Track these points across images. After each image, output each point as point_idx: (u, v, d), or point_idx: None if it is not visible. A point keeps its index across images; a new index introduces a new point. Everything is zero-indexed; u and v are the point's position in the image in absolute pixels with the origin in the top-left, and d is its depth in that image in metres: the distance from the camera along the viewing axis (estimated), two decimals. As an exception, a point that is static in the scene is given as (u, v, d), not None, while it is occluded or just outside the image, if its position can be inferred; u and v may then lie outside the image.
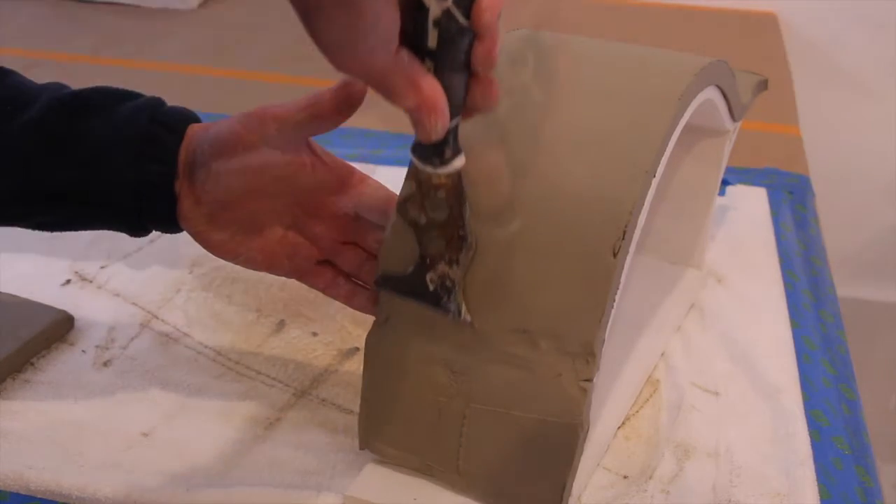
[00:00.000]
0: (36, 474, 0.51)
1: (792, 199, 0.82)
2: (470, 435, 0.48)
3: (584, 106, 0.48)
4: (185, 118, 0.52)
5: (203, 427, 0.55)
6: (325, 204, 0.52)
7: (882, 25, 1.32)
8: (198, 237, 0.51)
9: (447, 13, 0.37)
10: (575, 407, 0.45)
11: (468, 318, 0.46)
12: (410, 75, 0.39)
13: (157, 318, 0.64)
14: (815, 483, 0.52)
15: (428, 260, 0.45)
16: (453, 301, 0.45)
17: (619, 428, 0.56)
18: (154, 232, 0.52)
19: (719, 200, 0.78)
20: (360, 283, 0.53)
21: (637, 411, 0.57)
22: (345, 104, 0.49)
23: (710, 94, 0.54)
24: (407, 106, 0.39)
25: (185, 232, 0.51)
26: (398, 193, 0.46)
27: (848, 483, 0.54)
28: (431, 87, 0.39)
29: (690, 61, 0.50)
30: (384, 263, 0.47)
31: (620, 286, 0.45)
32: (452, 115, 0.40)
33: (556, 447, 0.45)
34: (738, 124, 0.64)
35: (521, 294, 0.45)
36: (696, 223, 0.68)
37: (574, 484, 0.47)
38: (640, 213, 0.45)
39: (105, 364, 0.60)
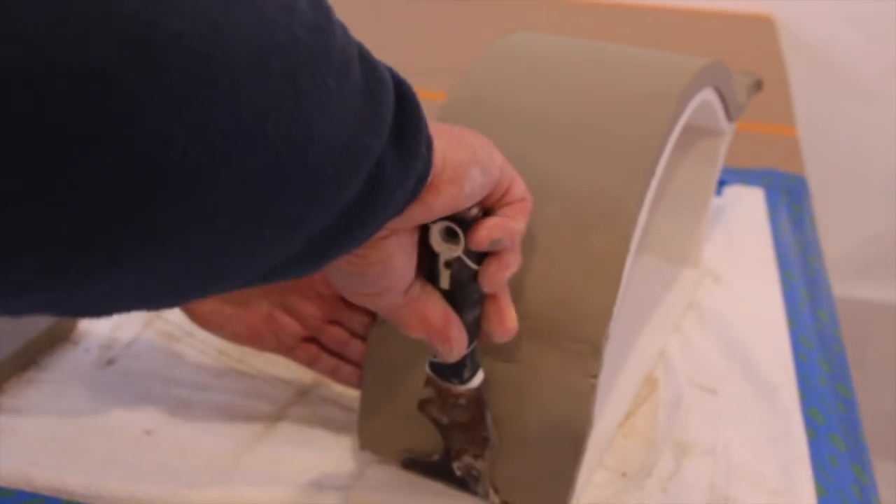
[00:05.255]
0: (40, 471, 0.51)
1: (789, 200, 0.83)
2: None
3: (583, 107, 0.48)
4: None
5: (205, 425, 0.55)
6: (312, 284, 0.52)
7: (878, 27, 1.32)
8: (183, 307, 0.52)
9: (458, 260, 0.38)
10: (583, 403, 0.45)
11: (496, 500, 0.47)
12: (420, 311, 0.38)
13: (159, 317, 0.64)
14: (812, 480, 0.53)
15: (453, 452, 0.47)
16: (480, 486, 0.47)
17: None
18: None
19: (717, 200, 0.78)
20: (344, 357, 0.53)
21: (636, 410, 0.57)
22: None
23: (708, 94, 0.55)
24: (417, 336, 0.39)
25: None
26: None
27: (844, 481, 0.54)
28: (442, 320, 0.39)
29: (688, 63, 0.51)
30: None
31: (623, 283, 0.45)
32: (469, 342, 0.41)
33: (563, 444, 0.46)
34: (734, 125, 0.65)
35: (527, 290, 0.46)
36: (693, 223, 0.69)
37: (574, 481, 0.48)
38: (641, 211, 0.45)
39: (108, 363, 0.60)
